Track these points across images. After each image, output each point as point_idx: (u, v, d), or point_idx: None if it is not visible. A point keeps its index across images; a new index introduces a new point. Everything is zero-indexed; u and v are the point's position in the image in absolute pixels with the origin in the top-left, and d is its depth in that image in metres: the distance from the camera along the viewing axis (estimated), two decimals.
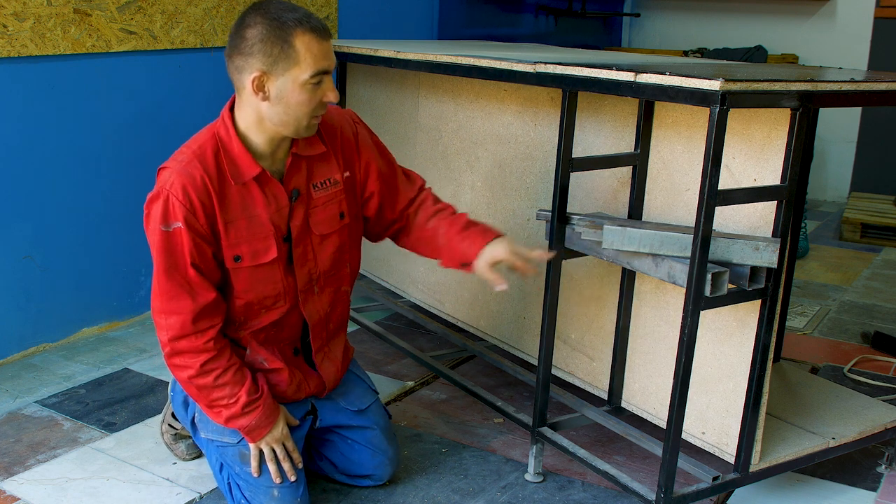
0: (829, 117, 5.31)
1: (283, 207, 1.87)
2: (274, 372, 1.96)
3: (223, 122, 1.83)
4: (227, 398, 1.85)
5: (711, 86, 1.57)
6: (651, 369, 2.14)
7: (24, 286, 2.76)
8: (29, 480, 2.10)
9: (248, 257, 1.84)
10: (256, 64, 1.73)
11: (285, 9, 1.75)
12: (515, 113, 2.44)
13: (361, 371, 2.20)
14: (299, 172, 1.89)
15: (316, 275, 1.95)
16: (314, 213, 1.92)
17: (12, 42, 2.58)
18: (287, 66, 1.73)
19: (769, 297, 1.81)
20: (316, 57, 1.74)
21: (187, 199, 1.75)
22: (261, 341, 1.95)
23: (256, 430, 1.89)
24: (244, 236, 1.83)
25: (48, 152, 2.76)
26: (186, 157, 1.79)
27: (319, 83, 1.77)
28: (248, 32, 1.74)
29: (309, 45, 1.73)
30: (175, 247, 1.77)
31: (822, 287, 3.82)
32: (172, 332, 1.80)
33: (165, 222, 1.76)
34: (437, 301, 2.88)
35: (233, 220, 1.81)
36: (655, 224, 1.97)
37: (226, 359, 1.84)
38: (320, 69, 1.75)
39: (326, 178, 1.94)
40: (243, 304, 1.88)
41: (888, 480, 2.22)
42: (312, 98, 1.77)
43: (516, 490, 2.12)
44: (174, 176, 1.76)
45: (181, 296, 1.79)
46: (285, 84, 1.74)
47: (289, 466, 1.91)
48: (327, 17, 3.71)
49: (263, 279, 1.88)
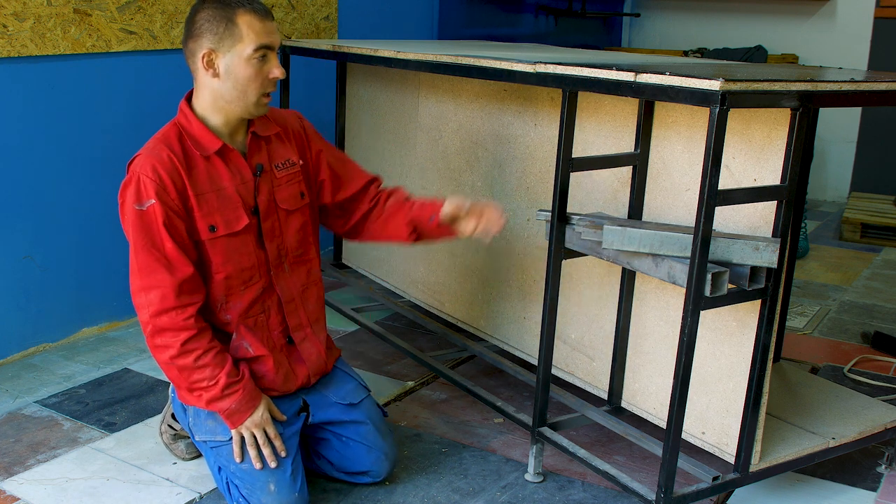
0: (829, 117, 5.31)
1: (249, 181, 1.98)
2: (259, 360, 1.99)
3: (181, 111, 1.97)
4: (207, 380, 1.88)
5: (711, 86, 1.57)
6: (651, 369, 2.14)
7: (24, 286, 2.77)
8: (29, 480, 2.10)
9: (222, 226, 1.93)
10: (205, 43, 1.89)
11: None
12: (515, 113, 2.44)
13: (352, 370, 2.23)
14: (260, 151, 2.02)
15: (284, 250, 2.04)
16: (279, 190, 2.03)
17: (12, 42, 2.58)
18: (232, 43, 1.88)
19: (769, 297, 1.81)
20: (258, 33, 1.89)
21: (157, 176, 1.86)
22: (249, 326, 1.98)
23: (237, 415, 1.91)
24: (216, 206, 1.92)
25: (48, 152, 2.76)
26: (152, 144, 1.92)
27: (264, 58, 1.91)
28: (197, 17, 1.91)
29: (251, 23, 1.89)
30: (151, 223, 1.85)
31: (822, 287, 3.82)
32: (153, 307, 1.85)
33: (139, 201, 1.85)
34: (437, 301, 2.88)
35: (203, 193, 1.91)
36: (655, 224, 1.97)
37: (207, 340, 1.89)
38: (262, 44, 1.89)
39: (286, 158, 2.07)
40: (223, 279, 1.94)
41: (888, 480, 2.22)
42: (259, 73, 1.91)
43: (516, 490, 2.12)
44: (143, 160, 1.88)
45: (158, 270, 1.85)
46: (232, 59, 1.89)
47: (269, 452, 1.93)
48: (327, 16, 3.71)
49: (239, 249, 1.96)
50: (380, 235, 2.22)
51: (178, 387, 1.94)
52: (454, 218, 2.10)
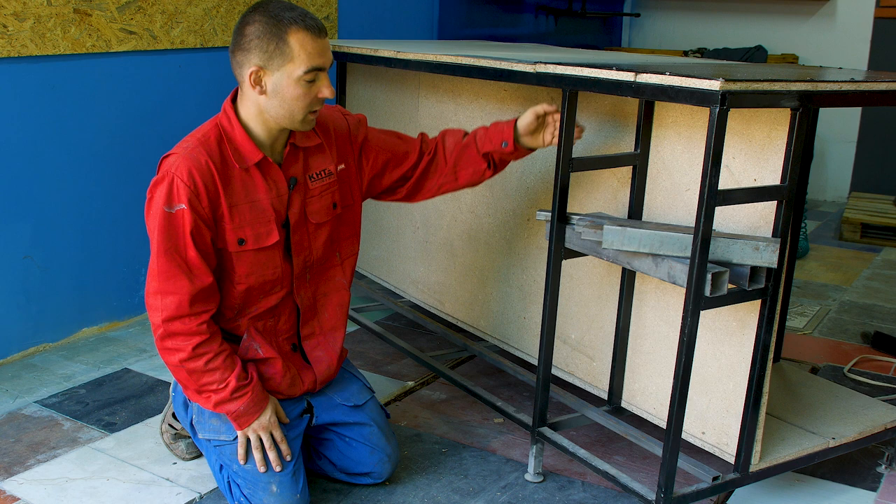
0: (829, 117, 5.31)
1: (283, 194, 1.93)
2: (267, 362, 1.98)
3: (225, 113, 1.89)
4: (217, 383, 1.86)
5: (711, 86, 1.57)
6: (651, 369, 2.14)
7: (24, 286, 2.77)
8: (29, 480, 2.10)
9: (252, 240, 1.89)
10: (254, 59, 1.80)
11: (284, 8, 1.81)
12: (515, 113, 2.44)
13: (356, 370, 2.21)
14: (297, 162, 1.96)
15: (310, 262, 2.01)
16: (310, 202, 1.98)
17: (12, 42, 2.58)
18: (282, 62, 1.80)
19: (769, 297, 1.81)
20: (310, 54, 1.80)
21: (192, 182, 1.79)
22: (258, 329, 1.97)
23: (244, 417, 1.90)
24: (248, 219, 1.88)
25: (48, 152, 2.76)
26: (192, 144, 1.84)
27: (314, 80, 1.83)
28: (247, 29, 1.81)
29: (303, 42, 1.79)
30: (177, 228, 1.80)
31: (822, 287, 3.82)
32: (168, 312, 1.82)
33: (169, 203, 1.79)
34: (437, 301, 2.88)
35: (236, 204, 1.86)
36: (655, 224, 1.97)
37: (217, 343, 1.87)
38: (314, 66, 1.81)
39: (322, 168, 2.00)
40: (244, 290, 1.92)
41: (888, 480, 2.22)
42: (307, 94, 1.83)
43: (516, 490, 2.12)
44: (179, 160, 1.81)
45: (179, 276, 1.81)
46: (281, 79, 1.81)
47: (274, 456, 1.92)
48: (327, 17, 3.71)
49: (265, 262, 1.92)
50: (451, 184, 2.18)
51: (186, 388, 1.92)
52: (531, 131, 2.07)
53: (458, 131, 2.19)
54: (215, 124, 1.89)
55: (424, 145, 2.19)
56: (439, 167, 2.17)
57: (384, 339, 2.86)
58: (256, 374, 1.94)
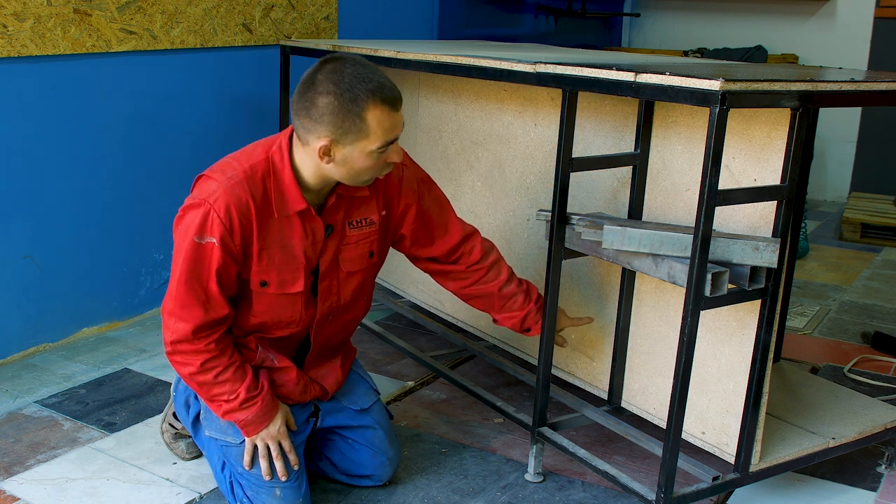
0: (829, 117, 5.31)
1: (319, 242, 1.88)
2: (282, 370, 1.97)
3: (280, 149, 1.81)
4: (227, 394, 1.85)
5: (711, 86, 1.57)
6: (651, 369, 2.14)
7: (24, 286, 2.76)
8: (29, 480, 2.10)
9: (275, 285, 1.85)
10: (325, 132, 1.72)
11: (359, 78, 1.71)
12: (515, 113, 2.44)
13: (364, 371, 2.20)
14: (339, 211, 1.89)
15: (336, 308, 1.97)
16: (345, 249, 1.92)
17: (12, 42, 2.58)
18: (357, 138, 1.72)
19: (769, 297, 1.81)
20: (386, 130, 1.74)
21: (228, 219, 1.74)
22: (265, 346, 1.96)
23: (252, 426, 1.89)
24: (276, 264, 1.84)
25: (48, 152, 2.76)
26: (237, 176, 1.77)
27: (386, 150, 1.77)
28: (319, 100, 1.71)
29: (380, 119, 1.72)
30: (203, 260, 1.76)
31: (822, 287, 3.82)
32: (176, 335, 1.80)
33: (200, 234, 1.75)
34: (437, 301, 2.88)
35: (268, 248, 1.82)
36: (655, 224, 1.97)
37: (227, 357, 1.84)
38: (389, 140, 1.75)
39: (364, 217, 1.93)
40: (257, 323, 1.90)
41: (888, 480, 2.22)
42: (377, 163, 1.78)
43: (516, 490, 2.12)
44: (221, 191, 1.75)
45: (195, 306, 1.78)
46: (352, 152, 1.74)
47: (281, 466, 1.91)
48: (327, 16, 3.71)
49: (284, 305, 1.89)
50: (458, 293, 2.17)
51: (198, 394, 1.92)
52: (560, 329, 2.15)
53: (503, 274, 2.13)
54: (266, 157, 1.80)
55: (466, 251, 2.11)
56: (460, 281, 2.13)
57: (384, 339, 2.86)
58: (268, 382, 1.93)
